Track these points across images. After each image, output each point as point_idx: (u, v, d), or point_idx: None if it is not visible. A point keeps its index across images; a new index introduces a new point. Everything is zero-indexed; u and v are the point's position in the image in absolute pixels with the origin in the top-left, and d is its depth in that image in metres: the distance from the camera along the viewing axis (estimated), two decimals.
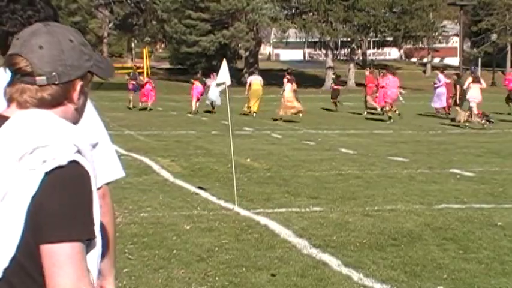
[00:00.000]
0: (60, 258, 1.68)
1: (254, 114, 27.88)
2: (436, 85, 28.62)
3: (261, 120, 25.71)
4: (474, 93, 23.80)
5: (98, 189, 1.83)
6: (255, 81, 29.45)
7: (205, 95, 30.19)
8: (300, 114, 25.59)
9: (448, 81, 27.72)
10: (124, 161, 14.13)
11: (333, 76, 35.77)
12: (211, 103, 29.33)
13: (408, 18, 56.86)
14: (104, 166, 2.29)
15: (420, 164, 13.95)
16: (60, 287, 1.68)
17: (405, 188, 11.30)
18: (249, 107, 28.50)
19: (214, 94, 28.60)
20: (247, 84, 29.93)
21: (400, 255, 7.27)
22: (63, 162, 1.71)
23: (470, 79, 24.53)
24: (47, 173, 1.70)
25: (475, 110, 23.40)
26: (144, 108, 30.67)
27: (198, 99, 29.86)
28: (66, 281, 1.67)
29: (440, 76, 28.73)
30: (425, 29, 58.53)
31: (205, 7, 53.51)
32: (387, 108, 26.02)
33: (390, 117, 25.40)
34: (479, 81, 24.29)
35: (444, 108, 27.87)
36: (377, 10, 55.89)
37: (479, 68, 56.23)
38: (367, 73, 32.56)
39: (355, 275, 6.57)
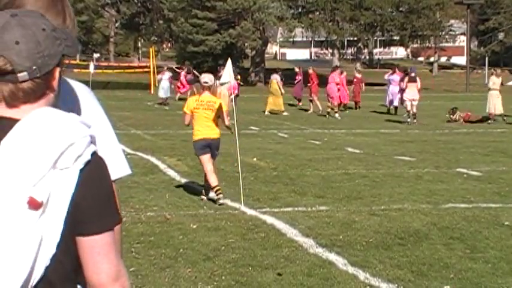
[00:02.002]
0: (103, 246, 1.79)
1: (276, 113, 28.68)
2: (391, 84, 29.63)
3: (267, 119, 25.72)
4: (412, 93, 24.70)
5: None
6: (272, 80, 29.84)
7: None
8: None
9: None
10: (131, 160, 14.13)
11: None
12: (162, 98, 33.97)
13: (415, 17, 56.77)
14: (110, 164, 2.30)
15: (427, 164, 13.93)
16: (107, 274, 1.80)
17: (412, 187, 11.28)
18: (275, 106, 28.99)
19: (163, 89, 34.16)
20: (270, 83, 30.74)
21: (407, 255, 7.26)
22: (89, 156, 1.79)
23: (406, 79, 25.31)
24: (80, 170, 1.77)
25: (414, 109, 24.40)
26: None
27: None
28: (111, 266, 1.80)
29: (393, 76, 29.48)
30: (432, 28, 58.43)
31: (211, 6, 53.50)
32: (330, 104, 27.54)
33: (328, 113, 26.88)
34: (415, 81, 24.98)
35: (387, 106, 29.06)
36: (384, 9, 55.83)
37: (486, 68, 56.15)
38: (310, 71, 32.27)
39: (362, 275, 6.57)
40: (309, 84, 30.55)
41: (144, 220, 8.84)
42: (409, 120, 24.23)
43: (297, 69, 34.99)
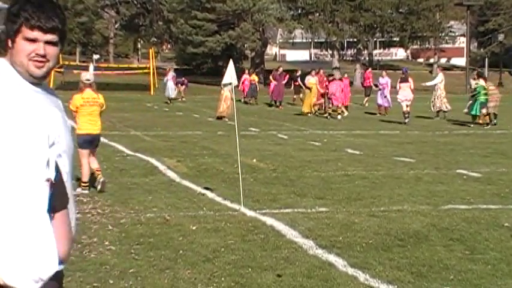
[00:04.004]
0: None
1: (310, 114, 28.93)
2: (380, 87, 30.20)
3: (267, 120, 25.71)
4: (404, 93, 24.84)
5: None
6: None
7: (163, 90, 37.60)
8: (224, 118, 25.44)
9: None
10: (130, 161, 14.19)
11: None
12: (168, 97, 36.14)
13: (415, 19, 56.74)
14: None
15: (426, 165, 13.92)
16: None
17: (411, 188, 11.28)
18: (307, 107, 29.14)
19: (170, 89, 36.17)
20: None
21: (407, 256, 7.26)
22: None
23: (398, 79, 25.45)
24: None
25: (409, 108, 24.67)
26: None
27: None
28: None
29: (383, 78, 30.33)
30: (431, 29, 58.40)
31: (211, 7, 53.47)
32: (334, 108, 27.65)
33: (330, 114, 27.27)
34: (407, 81, 25.05)
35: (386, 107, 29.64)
36: (383, 10, 55.77)
37: (486, 69, 56.14)
38: (321, 73, 32.26)
39: (361, 276, 6.56)
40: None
41: (144, 221, 8.83)
42: (406, 121, 24.29)
43: (275, 70, 35.17)
